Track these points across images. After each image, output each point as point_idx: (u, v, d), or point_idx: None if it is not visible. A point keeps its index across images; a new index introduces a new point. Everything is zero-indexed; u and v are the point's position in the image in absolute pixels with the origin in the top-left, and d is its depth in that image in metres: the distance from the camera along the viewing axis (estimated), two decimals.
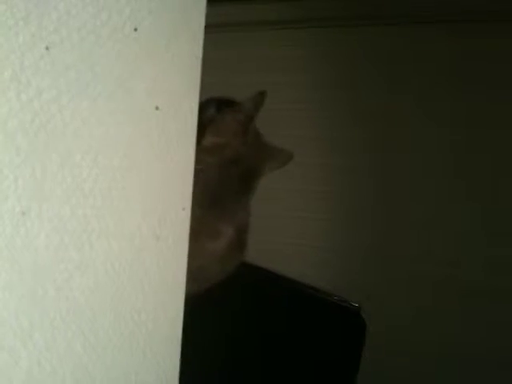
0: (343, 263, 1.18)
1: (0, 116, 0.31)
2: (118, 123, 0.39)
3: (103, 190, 0.40)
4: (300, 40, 1.18)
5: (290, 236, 1.23)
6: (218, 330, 0.89)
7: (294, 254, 1.23)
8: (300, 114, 1.20)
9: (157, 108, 0.43)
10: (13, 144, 0.32)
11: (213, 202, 0.67)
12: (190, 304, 0.50)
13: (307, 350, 1.08)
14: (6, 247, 0.33)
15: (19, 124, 0.32)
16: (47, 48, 0.33)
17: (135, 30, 0.38)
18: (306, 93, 1.20)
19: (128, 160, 0.41)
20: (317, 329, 1.09)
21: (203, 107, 0.63)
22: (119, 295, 0.41)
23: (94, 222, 0.40)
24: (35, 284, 0.35)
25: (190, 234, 0.54)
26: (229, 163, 0.68)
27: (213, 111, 0.68)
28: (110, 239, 0.41)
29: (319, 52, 1.17)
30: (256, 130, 0.75)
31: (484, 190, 1.12)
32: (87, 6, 0.35)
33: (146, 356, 0.44)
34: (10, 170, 0.32)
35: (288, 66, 1.21)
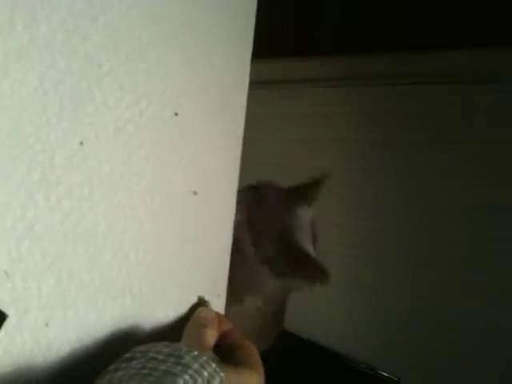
0: (378, 334, 1.10)
1: (26, 220, 0.28)
2: (152, 214, 0.36)
3: (133, 289, 0.36)
4: (345, 97, 1.14)
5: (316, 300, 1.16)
6: None
7: (327, 320, 1.15)
8: (345, 172, 1.14)
9: (195, 193, 0.39)
10: (39, 249, 0.29)
11: None
12: None
13: None
14: None
15: (46, 227, 0.29)
16: (81, 143, 0.29)
17: (176, 114, 0.35)
18: (351, 151, 1.15)
19: (162, 254, 0.37)
20: None
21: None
22: None
23: (121, 323, 0.36)
24: None
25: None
26: None
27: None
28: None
29: (365, 109, 1.13)
30: None
31: None
32: (126, 94, 0.32)
33: None
34: (33, 278, 0.29)
35: (333, 123, 1.16)
